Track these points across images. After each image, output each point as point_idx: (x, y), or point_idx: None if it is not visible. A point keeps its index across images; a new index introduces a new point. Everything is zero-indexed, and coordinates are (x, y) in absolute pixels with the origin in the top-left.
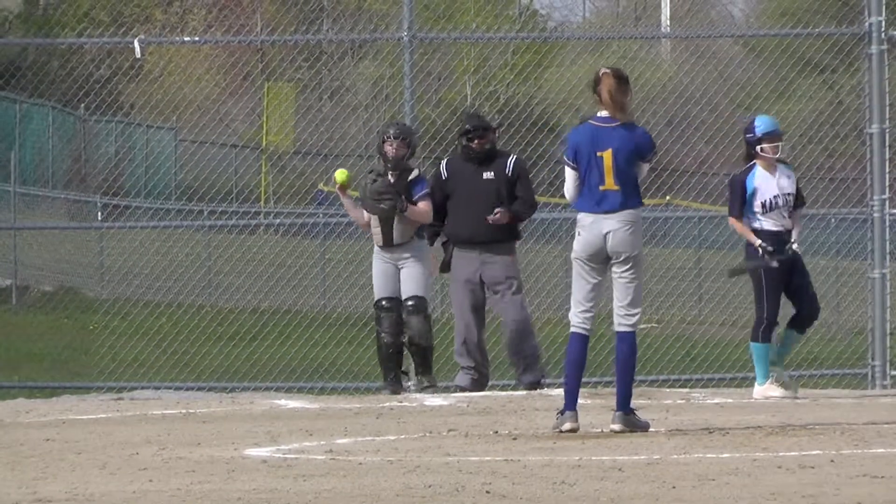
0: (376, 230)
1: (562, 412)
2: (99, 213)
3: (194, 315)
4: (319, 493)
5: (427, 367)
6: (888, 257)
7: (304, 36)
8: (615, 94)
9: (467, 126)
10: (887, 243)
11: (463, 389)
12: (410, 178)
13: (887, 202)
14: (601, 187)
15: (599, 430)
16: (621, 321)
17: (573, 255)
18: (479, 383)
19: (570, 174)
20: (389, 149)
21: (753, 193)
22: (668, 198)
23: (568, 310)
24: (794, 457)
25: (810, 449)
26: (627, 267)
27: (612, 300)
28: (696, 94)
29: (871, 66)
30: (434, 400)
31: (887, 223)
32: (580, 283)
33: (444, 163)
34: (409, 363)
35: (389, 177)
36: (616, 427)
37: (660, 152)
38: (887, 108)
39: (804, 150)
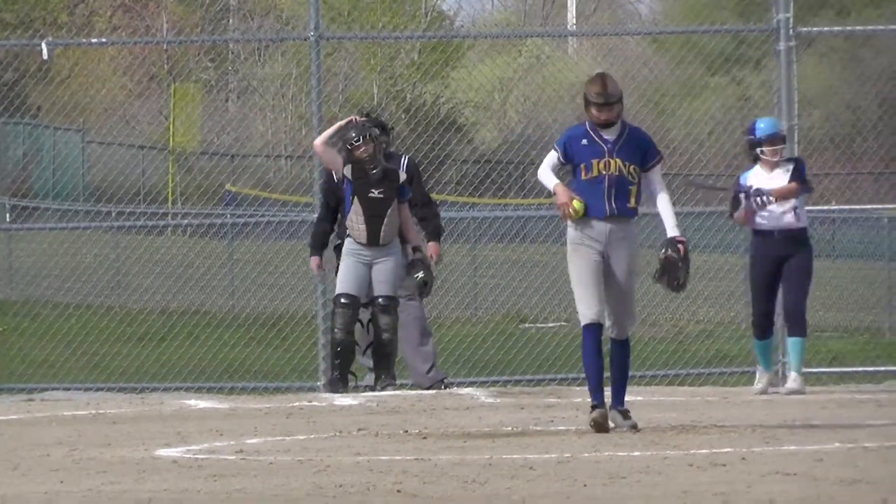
0: (361, 227)
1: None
2: (7, 215)
3: (103, 316)
4: (230, 494)
5: (391, 365)
6: None
7: (211, 37)
8: None
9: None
10: None
11: (372, 389)
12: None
13: None
14: None
15: (510, 428)
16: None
17: None
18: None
19: None
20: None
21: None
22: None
23: (477, 308)
24: (705, 454)
25: (721, 447)
26: None
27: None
28: None
29: (779, 63)
30: (343, 399)
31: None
32: None
33: None
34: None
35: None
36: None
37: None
38: (796, 105)
39: (713, 146)
